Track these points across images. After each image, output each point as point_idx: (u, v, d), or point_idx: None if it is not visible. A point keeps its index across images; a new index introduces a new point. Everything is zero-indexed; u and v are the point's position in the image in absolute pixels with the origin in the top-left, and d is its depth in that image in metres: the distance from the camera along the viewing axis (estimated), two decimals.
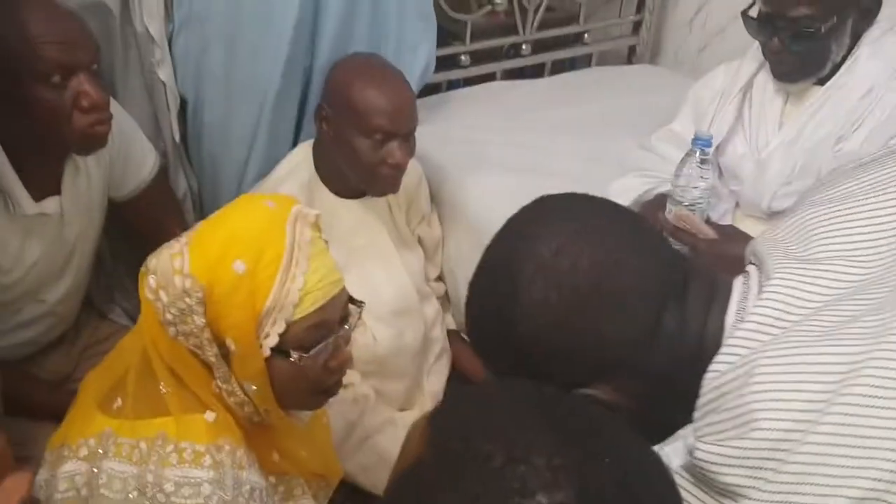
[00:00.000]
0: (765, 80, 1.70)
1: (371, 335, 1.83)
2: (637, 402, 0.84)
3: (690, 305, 0.85)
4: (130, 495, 1.09)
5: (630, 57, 2.82)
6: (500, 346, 0.87)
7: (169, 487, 1.08)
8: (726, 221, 1.75)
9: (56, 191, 1.63)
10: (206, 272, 1.06)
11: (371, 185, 1.79)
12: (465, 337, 2.13)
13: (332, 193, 1.82)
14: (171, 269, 1.08)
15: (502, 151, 2.12)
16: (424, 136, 2.11)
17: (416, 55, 2.05)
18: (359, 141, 1.69)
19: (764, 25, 1.58)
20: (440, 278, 2.11)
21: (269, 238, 1.09)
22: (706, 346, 0.83)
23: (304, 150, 1.86)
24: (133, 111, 1.81)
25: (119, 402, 1.16)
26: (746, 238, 1.59)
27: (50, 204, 1.62)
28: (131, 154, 1.77)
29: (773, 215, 1.69)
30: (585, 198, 0.93)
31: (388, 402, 1.93)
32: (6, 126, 1.52)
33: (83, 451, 1.15)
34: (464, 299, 2.07)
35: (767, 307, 0.81)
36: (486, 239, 1.92)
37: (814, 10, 1.51)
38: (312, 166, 1.82)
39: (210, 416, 1.13)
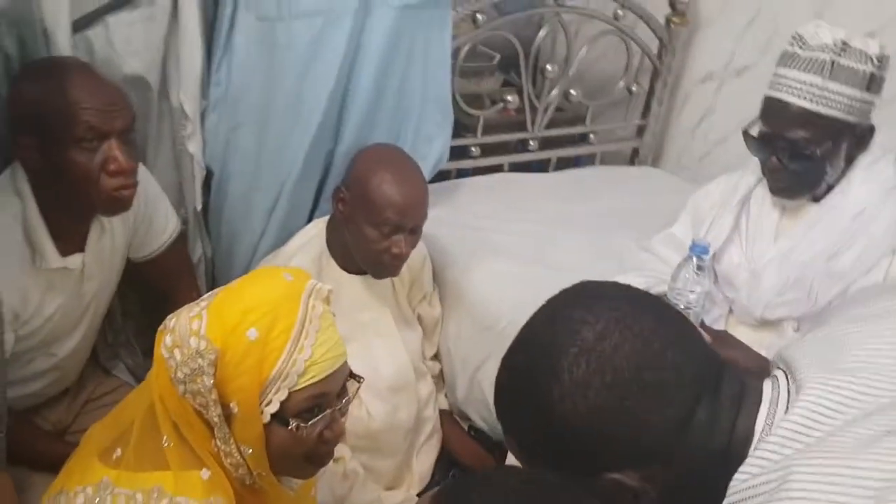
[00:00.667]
0: (762, 194, 1.79)
1: (366, 410, 1.88)
2: (663, 492, 0.86)
3: (722, 402, 0.87)
4: None
5: (633, 158, 2.93)
6: (532, 423, 0.89)
7: None
8: (720, 326, 1.81)
9: (80, 248, 1.70)
10: (221, 336, 1.12)
11: (372, 269, 1.87)
12: (457, 418, 2.17)
13: (340, 268, 1.89)
14: (188, 330, 1.14)
15: (506, 239, 2.20)
16: (432, 218, 2.18)
17: (431, 146, 2.16)
18: (368, 229, 1.78)
19: (764, 144, 1.67)
20: (436, 357, 2.16)
21: (283, 310, 1.15)
22: (734, 446, 0.85)
23: (318, 226, 1.94)
24: (160, 178, 1.90)
25: (119, 452, 1.20)
26: (738, 343, 1.66)
27: (74, 260, 1.68)
28: (155, 218, 1.84)
29: (765, 323, 1.75)
30: (626, 287, 0.96)
31: (377, 480, 1.96)
32: (41, 184, 1.60)
33: (79, 500, 1.19)
34: (458, 379, 2.12)
35: (801, 414, 0.83)
36: (485, 321, 2.01)
37: (811, 134, 1.60)
38: (324, 241, 1.90)
39: (206, 473, 1.17)
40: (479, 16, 2.34)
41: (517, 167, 2.69)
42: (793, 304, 1.69)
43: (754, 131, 1.71)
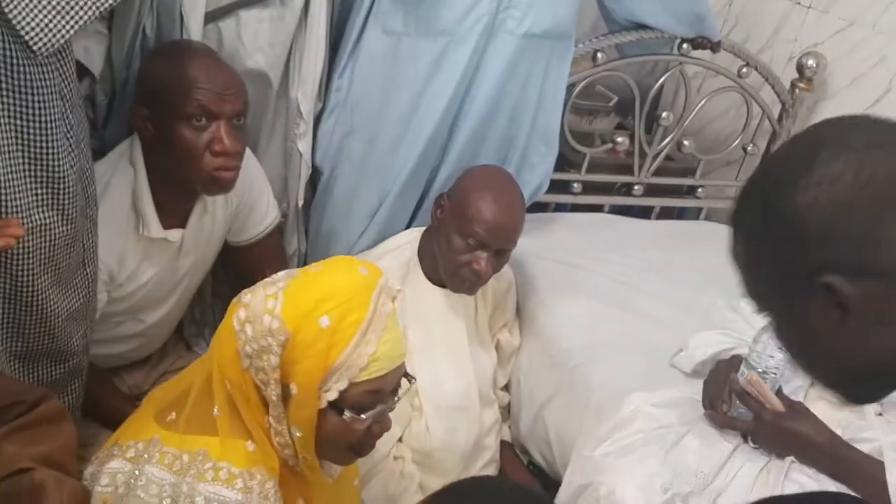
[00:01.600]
0: None
1: (425, 424, 1.89)
2: (871, 313, 0.82)
3: None
4: (164, 502, 1.18)
5: None
6: (765, 210, 0.87)
7: (199, 501, 1.17)
8: (798, 398, 1.75)
9: (182, 224, 1.78)
10: (294, 319, 1.17)
11: (450, 281, 1.89)
12: (518, 452, 2.15)
13: (425, 278, 1.92)
14: (263, 308, 1.19)
15: (594, 280, 2.19)
16: (523, 247, 2.19)
17: (533, 174, 2.18)
18: (456, 238, 1.81)
19: None
20: (506, 388, 2.15)
21: (356, 302, 1.19)
22: None
23: (412, 234, 1.98)
24: (268, 170, 1.97)
25: (173, 415, 1.27)
26: (810, 415, 1.61)
27: (174, 234, 1.77)
28: (256, 207, 1.91)
29: (845, 402, 1.69)
30: None
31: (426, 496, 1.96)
32: (154, 158, 1.69)
33: (130, 453, 1.26)
34: (523, 413, 2.11)
35: None
36: (556, 357, 2.01)
37: None
38: (416, 249, 1.94)
39: (251, 445, 1.23)
40: (599, 54, 2.34)
41: (618, 210, 2.67)
42: None
43: None
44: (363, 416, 1.22)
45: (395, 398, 1.28)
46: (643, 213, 2.73)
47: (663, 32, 2.35)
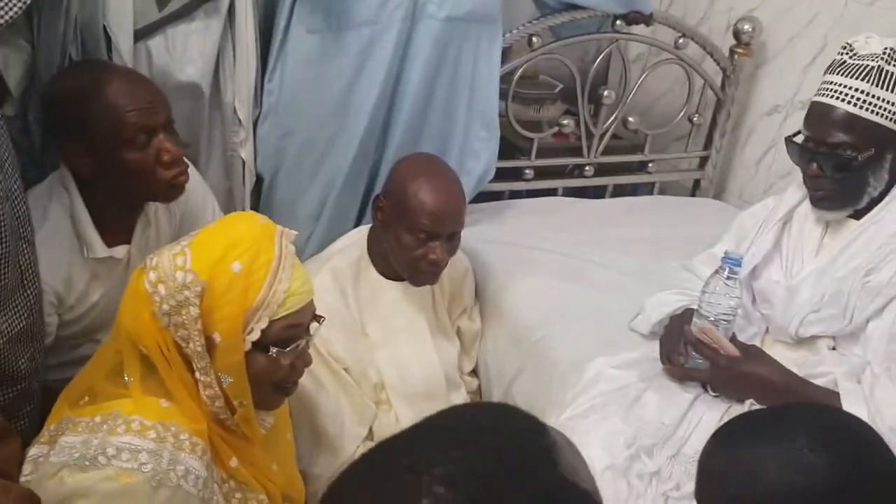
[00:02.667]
0: (805, 212, 1.75)
1: (394, 414, 1.89)
2: None
3: None
4: (74, 455, 1.19)
5: (694, 190, 2.89)
6: None
7: (111, 451, 1.19)
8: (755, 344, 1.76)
9: (127, 240, 1.78)
10: (207, 268, 1.22)
11: (410, 276, 1.89)
12: None
13: (378, 274, 1.92)
14: (172, 265, 1.23)
15: (550, 258, 2.20)
16: (478, 234, 2.22)
17: (477, 161, 2.19)
18: (405, 235, 1.80)
19: (805, 151, 1.64)
20: (474, 373, 2.15)
21: (262, 245, 1.26)
22: None
23: (360, 232, 1.98)
24: (211, 183, 1.98)
25: (86, 398, 1.30)
26: (767, 358, 1.61)
27: (120, 250, 1.76)
28: (202, 217, 1.91)
29: (800, 342, 1.70)
30: None
31: None
32: (91, 183, 1.69)
33: (44, 438, 1.29)
34: (494, 393, 2.11)
35: None
36: (519, 334, 2.01)
37: (851, 138, 1.57)
38: (365, 247, 1.93)
39: (165, 402, 1.25)
40: (534, 38, 2.37)
41: (572, 193, 2.69)
42: (828, 321, 1.64)
43: (799, 139, 1.69)
44: (287, 349, 1.29)
45: (310, 335, 1.36)
46: (597, 193, 2.75)
47: (595, 11, 2.37)
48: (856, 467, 0.96)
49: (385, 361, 1.89)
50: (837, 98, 1.58)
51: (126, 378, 1.26)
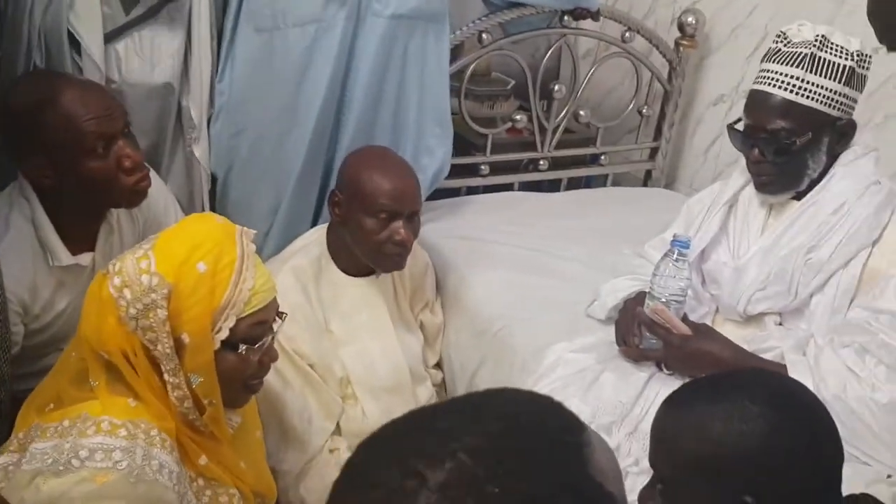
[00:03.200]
0: (750, 195, 1.81)
1: (361, 409, 1.92)
2: None
3: None
4: (47, 461, 1.20)
5: (646, 181, 2.96)
6: None
7: (84, 453, 1.20)
8: (706, 322, 1.82)
9: (91, 247, 1.79)
10: (172, 271, 1.24)
11: (378, 263, 1.92)
12: None
13: (339, 271, 1.95)
14: (136, 269, 1.25)
15: (507, 251, 2.25)
16: (437, 230, 2.26)
17: (432, 158, 2.24)
18: (366, 220, 1.83)
19: (746, 137, 1.71)
20: (439, 365, 2.20)
21: (225, 246, 1.29)
22: None
23: (319, 231, 2.01)
24: (175, 181, 2.02)
25: (51, 405, 1.30)
26: (717, 336, 1.68)
27: (84, 258, 1.78)
28: (163, 221, 1.93)
29: (749, 320, 1.77)
30: None
31: None
32: (54, 192, 1.70)
33: (13, 445, 1.28)
34: (458, 386, 2.16)
35: None
36: (480, 326, 2.07)
37: (790, 124, 1.63)
38: (325, 245, 1.96)
39: (132, 402, 1.27)
40: (484, 35, 2.42)
41: (528, 187, 2.75)
42: (774, 298, 1.71)
43: (740, 126, 1.75)
44: (256, 346, 1.32)
45: (274, 331, 1.38)
46: (552, 186, 2.81)
47: (542, 7, 2.43)
48: (792, 414, 1.04)
49: (350, 357, 1.92)
50: (774, 85, 1.65)
51: (92, 382, 1.27)
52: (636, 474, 1.54)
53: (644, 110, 2.83)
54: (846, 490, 1.41)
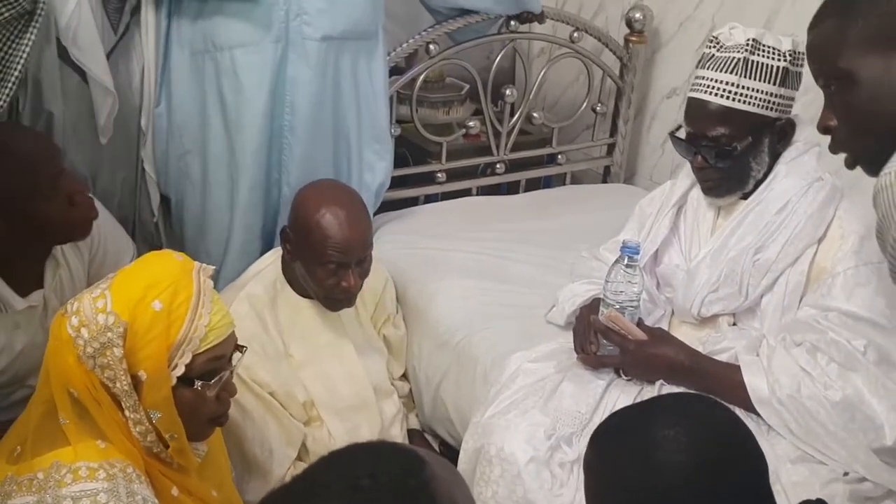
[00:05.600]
0: (698, 196, 1.82)
1: (326, 430, 1.92)
2: None
3: None
4: None
5: (605, 177, 2.98)
6: None
7: (67, 503, 1.20)
8: (662, 326, 1.84)
9: (39, 285, 1.79)
10: (127, 309, 1.26)
11: (327, 304, 1.91)
12: (428, 437, 2.20)
13: (296, 293, 1.94)
14: (93, 309, 1.26)
15: (465, 258, 2.26)
16: (394, 243, 2.27)
17: (374, 174, 2.26)
18: (315, 268, 1.82)
19: (689, 145, 1.73)
20: (405, 377, 2.20)
21: (181, 283, 1.30)
22: None
23: (275, 254, 2.00)
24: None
25: (19, 449, 1.31)
26: (672, 339, 1.70)
27: (34, 297, 1.77)
28: (110, 247, 1.94)
29: (704, 321, 1.78)
30: None
31: None
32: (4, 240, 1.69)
33: None
34: (424, 397, 2.17)
35: None
36: (442, 337, 2.08)
37: (730, 130, 1.65)
38: (280, 268, 1.95)
39: (102, 443, 1.28)
40: (431, 46, 2.42)
41: (486, 191, 2.75)
42: (726, 300, 1.72)
43: (682, 134, 1.77)
44: (212, 381, 1.34)
45: (233, 365, 1.40)
46: (511, 189, 2.82)
47: (487, 13, 2.43)
48: (708, 437, 1.02)
49: (311, 380, 1.92)
50: (711, 93, 1.66)
51: (62, 420, 1.28)
52: None
53: (598, 108, 2.85)
54: (803, 492, 1.43)
